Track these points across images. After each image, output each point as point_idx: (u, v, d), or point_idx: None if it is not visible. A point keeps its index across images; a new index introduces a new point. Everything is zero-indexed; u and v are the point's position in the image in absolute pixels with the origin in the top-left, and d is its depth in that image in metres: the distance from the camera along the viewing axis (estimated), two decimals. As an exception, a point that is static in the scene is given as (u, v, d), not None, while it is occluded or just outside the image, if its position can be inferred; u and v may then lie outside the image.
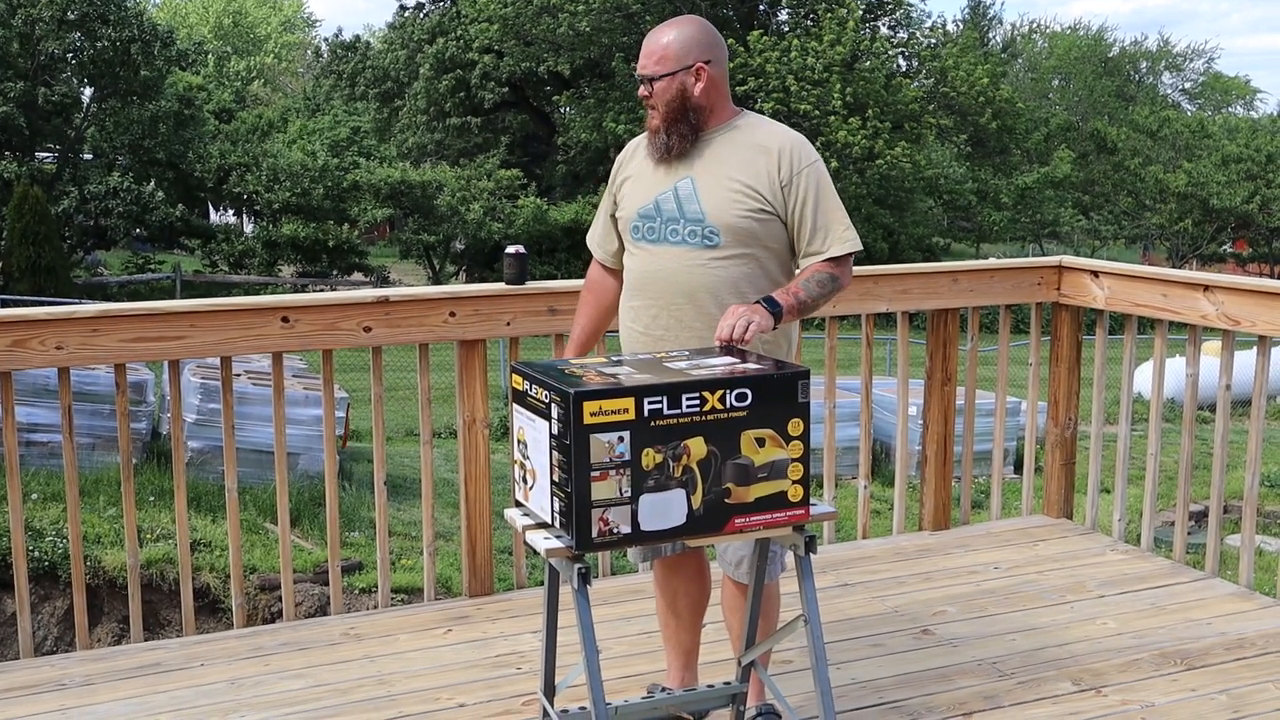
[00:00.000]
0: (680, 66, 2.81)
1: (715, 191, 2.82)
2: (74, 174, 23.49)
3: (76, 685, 3.39)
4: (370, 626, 3.80)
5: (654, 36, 2.89)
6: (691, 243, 2.82)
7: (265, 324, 3.59)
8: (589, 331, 3.12)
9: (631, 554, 3.17)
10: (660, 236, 2.85)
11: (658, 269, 2.85)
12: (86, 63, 23.05)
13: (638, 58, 2.97)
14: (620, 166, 3.03)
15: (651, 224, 2.87)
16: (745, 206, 2.81)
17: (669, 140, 2.84)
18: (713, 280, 2.81)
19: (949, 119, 27.36)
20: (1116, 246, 36.36)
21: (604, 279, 3.11)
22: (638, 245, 2.90)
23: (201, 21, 50.99)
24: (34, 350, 3.37)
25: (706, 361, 2.43)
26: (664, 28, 2.90)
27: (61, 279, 19.36)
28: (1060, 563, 4.34)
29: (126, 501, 3.66)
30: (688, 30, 2.84)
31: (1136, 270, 4.48)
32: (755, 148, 2.86)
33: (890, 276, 4.44)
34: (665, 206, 2.85)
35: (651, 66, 2.84)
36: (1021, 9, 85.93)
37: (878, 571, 4.27)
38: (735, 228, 2.80)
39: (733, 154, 2.84)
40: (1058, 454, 4.75)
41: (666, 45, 2.83)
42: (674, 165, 2.86)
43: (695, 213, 2.82)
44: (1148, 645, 3.65)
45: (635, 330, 2.92)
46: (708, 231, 2.81)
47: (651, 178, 2.90)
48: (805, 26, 26.30)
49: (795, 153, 2.85)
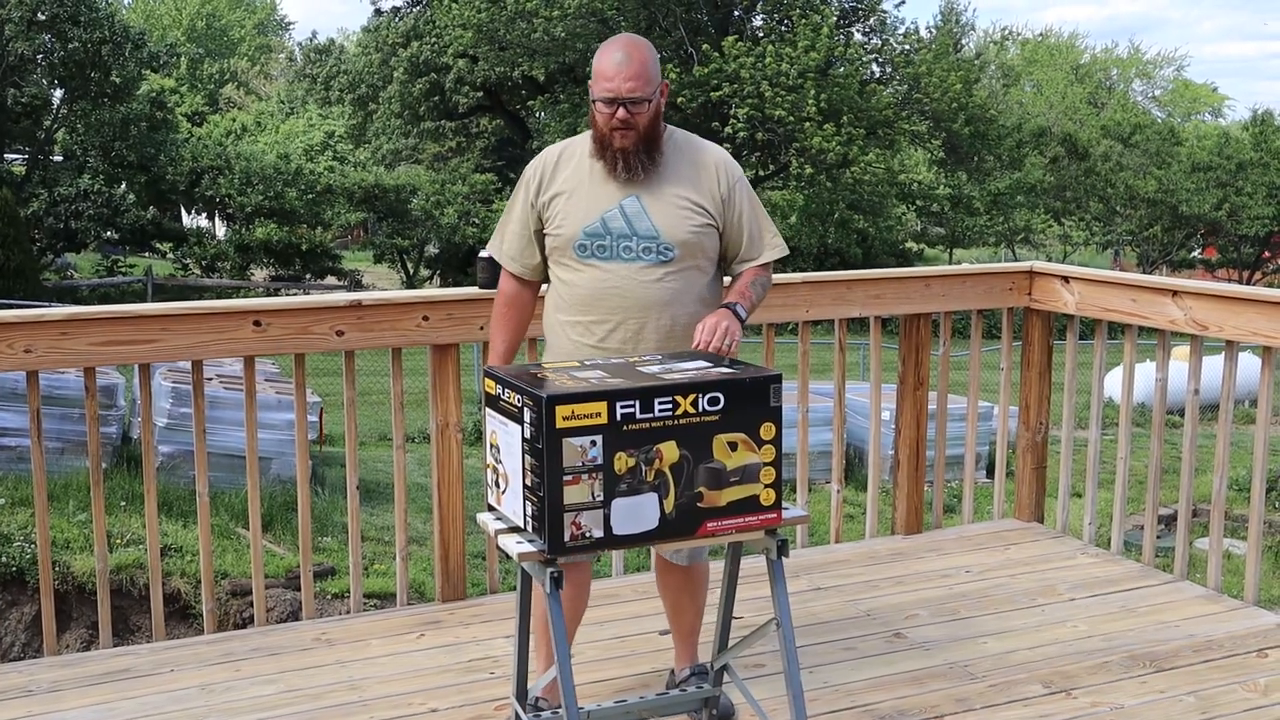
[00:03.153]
0: (655, 88, 2.85)
1: (665, 209, 2.89)
2: (44, 176, 23.31)
3: (44, 691, 3.36)
4: (342, 632, 3.78)
5: (630, 55, 2.84)
6: (646, 259, 2.87)
7: (237, 328, 3.57)
8: (512, 346, 3.11)
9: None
10: (613, 254, 2.88)
11: (612, 285, 2.88)
12: (57, 64, 22.89)
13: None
14: (542, 180, 2.98)
15: (601, 241, 2.88)
16: (694, 222, 2.90)
17: (644, 161, 2.86)
18: (668, 294, 2.89)
19: (923, 125, 27.48)
20: (1089, 252, 36.63)
21: (521, 293, 3.09)
22: (585, 262, 2.91)
23: (175, 24, 50.70)
24: (2, 353, 3.34)
25: (679, 365, 2.43)
26: (633, 46, 2.87)
27: (31, 282, 19.19)
28: (1031, 566, 4.36)
29: (96, 506, 3.63)
30: (649, 50, 2.89)
31: (1106, 276, 4.52)
32: (696, 164, 2.96)
33: (863, 281, 4.46)
34: (613, 224, 2.88)
35: (641, 88, 2.82)
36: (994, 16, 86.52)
37: (850, 575, 4.28)
38: (687, 243, 2.89)
39: (675, 171, 2.92)
40: (1029, 458, 4.78)
41: (644, 65, 2.83)
42: (618, 183, 2.88)
43: (648, 230, 2.87)
44: (1117, 648, 3.67)
45: (585, 345, 2.93)
46: (662, 248, 2.87)
47: (590, 195, 2.91)
48: (780, 33, 26.37)
49: (729, 166, 3.01)
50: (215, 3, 54.82)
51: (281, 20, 60.74)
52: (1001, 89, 41.37)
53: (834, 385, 4.55)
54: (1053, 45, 52.48)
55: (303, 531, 3.88)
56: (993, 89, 38.53)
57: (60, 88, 23.82)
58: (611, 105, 2.83)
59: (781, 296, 4.30)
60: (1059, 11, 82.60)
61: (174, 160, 25.56)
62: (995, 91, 38.46)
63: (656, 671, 3.47)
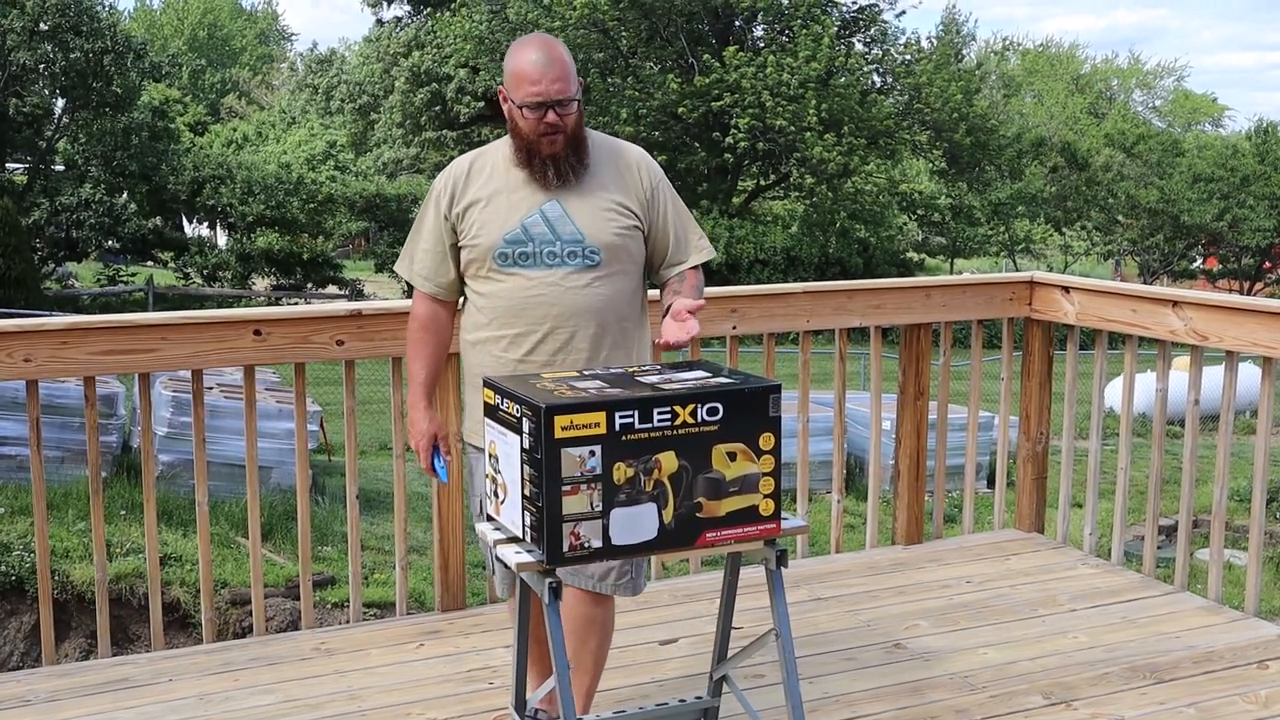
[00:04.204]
0: (578, 86, 2.75)
1: (589, 211, 2.77)
2: (45, 185, 23.36)
3: (42, 701, 3.35)
4: (342, 641, 3.78)
5: (551, 55, 2.70)
6: (572, 264, 2.75)
7: (237, 337, 3.57)
8: (434, 374, 2.95)
9: (497, 584, 3.06)
10: (536, 260, 2.75)
11: (538, 294, 2.75)
12: (58, 74, 22.93)
13: (609, 74, 2.92)
14: (455, 191, 2.83)
15: (523, 248, 2.75)
16: (620, 224, 2.80)
17: (574, 165, 2.75)
18: (597, 300, 2.77)
19: (924, 135, 27.51)
20: (1090, 261, 36.64)
21: (438, 314, 2.93)
22: (507, 271, 2.76)
23: (176, 33, 50.80)
24: (1, 363, 3.33)
25: (679, 375, 2.43)
26: (551, 44, 2.74)
27: (32, 291, 19.22)
28: (1032, 576, 4.36)
29: (95, 515, 3.62)
30: (564, 47, 2.77)
31: (1106, 286, 4.52)
32: (617, 164, 2.85)
33: (864, 291, 4.46)
34: (535, 230, 2.75)
35: (567, 89, 2.69)
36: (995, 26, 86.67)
37: (851, 585, 4.27)
38: (613, 246, 2.78)
39: (596, 172, 2.80)
40: (1029, 468, 4.77)
41: (566, 64, 2.71)
42: (536, 187, 2.76)
43: (572, 234, 2.75)
44: (1118, 659, 3.67)
45: (509, 359, 2.78)
46: (588, 252, 2.76)
47: (508, 201, 2.78)
48: (781, 43, 26.41)
49: (650, 165, 2.90)
50: (217, 13, 54.94)
51: (283, 30, 60.89)
52: (1002, 99, 41.42)
53: (834, 395, 4.55)
54: (1053, 56, 52.57)
55: (302, 541, 3.88)
56: (993, 99, 38.58)
57: (62, 97, 23.86)
58: (539, 109, 2.68)
59: (782, 306, 4.31)
60: (1059, 22, 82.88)
61: (175, 170, 25.60)
62: (996, 102, 38.49)
63: (656, 682, 3.46)
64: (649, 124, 25.93)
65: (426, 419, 2.93)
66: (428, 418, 2.94)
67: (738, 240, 25.44)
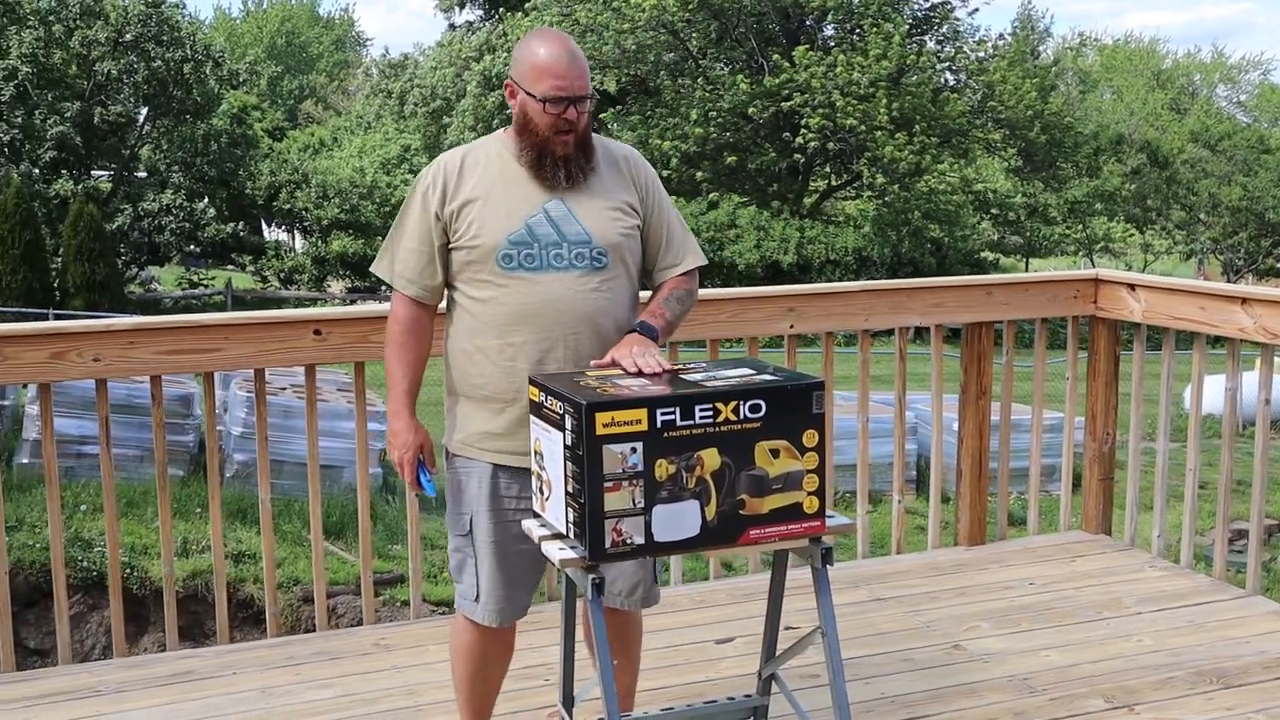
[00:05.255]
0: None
1: (593, 211, 2.67)
2: (128, 192, 23.93)
3: (111, 692, 3.44)
4: (401, 637, 3.83)
5: (572, 51, 2.62)
6: (580, 266, 2.63)
7: (298, 337, 3.63)
8: (416, 381, 2.79)
9: (479, 611, 2.80)
10: (543, 263, 2.62)
11: (548, 298, 2.62)
12: (141, 83, 23.49)
13: (679, 75, 2.80)
14: (446, 188, 2.68)
15: (529, 250, 2.62)
16: (623, 224, 2.70)
17: (583, 166, 2.66)
18: (606, 303, 2.66)
19: (997, 133, 27.14)
20: (1171, 260, 35.89)
21: (421, 319, 2.76)
22: (512, 275, 2.62)
23: (255, 41, 51.73)
24: (72, 362, 3.43)
25: (723, 372, 2.43)
26: (569, 41, 2.65)
27: (116, 295, 19.71)
28: (1097, 579, 4.29)
29: (162, 512, 3.71)
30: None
31: (1173, 283, 4.43)
32: (612, 161, 2.76)
33: (923, 290, 4.42)
34: (539, 230, 2.62)
35: (588, 86, 2.62)
36: (1073, 22, 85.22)
37: (911, 586, 4.24)
38: (618, 246, 2.68)
39: (596, 170, 2.71)
40: (1096, 469, 4.70)
41: (584, 61, 2.63)
42: (538, 185, 2.65)
43: (578, 234, 2.64)
44: (1184, 663, 3.59)
45: (518, 367, 2.63)
46: (595, 253, 2.65)
47: (508, 200, 2.65)
48: (851, 41, 26.23)
49: (641, 162, 2.82)
50: (295, 20, 55.89)
51: (359, 36, 61.77)
52: (1079, 96, 40.74)
53: (895, 395, 4.51)
54: (1132, 51, 51.55)
55: (363, 539, 3.94)
56: (1070, 96, 37.97)
57: (144, 105, 24.44)
58: (561, 104, 2.58)
59: (840, 305, 4.29)
60: (1139, 17, 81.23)
61: (252, 175, 26.09)
62: (1072, 99, 37.88)
63: (710, 681, 3.46)
64: (719, 125, 25.89)
65: (411, 429, 2.75)
66: (412, 428, 2.76)
67: (808, 241, 25.30)
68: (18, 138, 22.50)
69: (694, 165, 26.36)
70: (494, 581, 2.73)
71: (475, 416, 2.70)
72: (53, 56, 22.70)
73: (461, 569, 2.79)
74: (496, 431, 2.68)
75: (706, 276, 13.93)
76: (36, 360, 3.39)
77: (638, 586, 2.78)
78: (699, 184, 26.52)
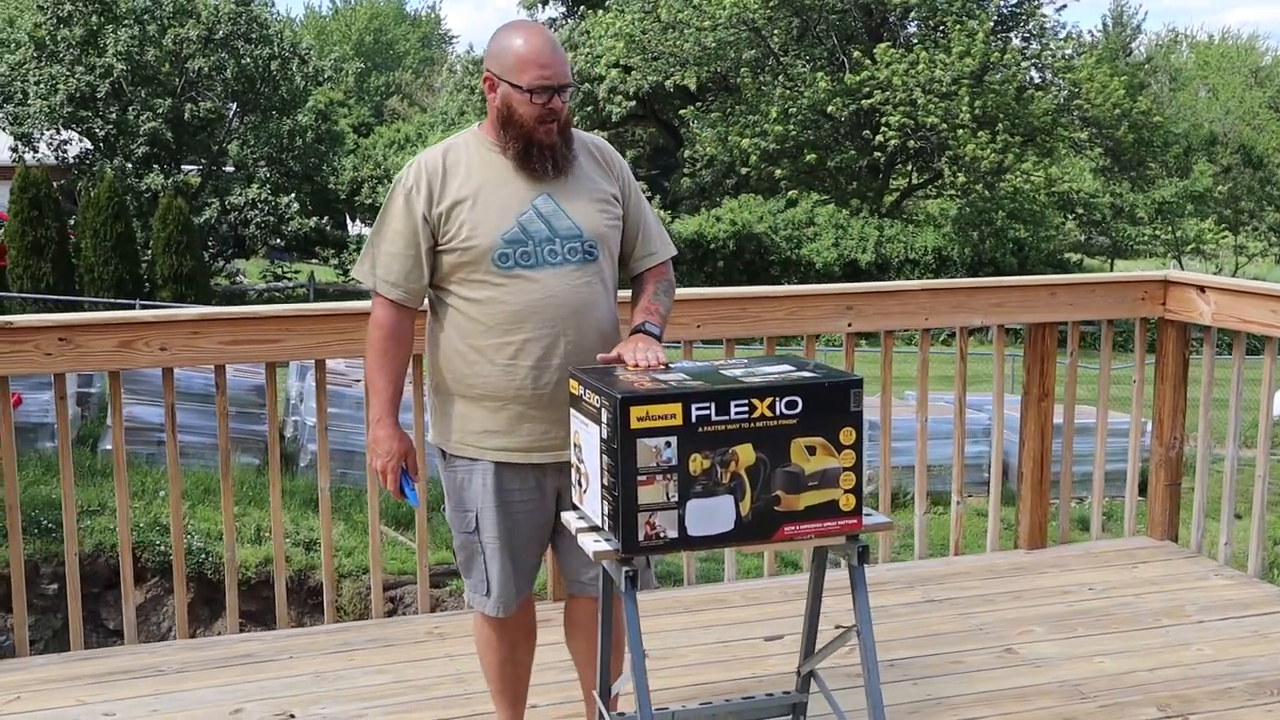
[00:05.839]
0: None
1: (581, 203, 2.66)
2: (216, 186, 24.45)
3: (172, 672, 3.54)
4: (455, 626, 3.88)
5: (552, 40, 2.62)
6: (573, 260, 2.62)
7: (356, 328, 3.69)
8: (399, 387, 2.74)
9: (490, 604, 2.82)
10: (539, 260, 2.60)
11: (546, 295, 2.60)
12: (230, 79, 24.00)
13: (760, 72, 2.76)
14: (433, 189, 2.64)
15: (524, 248, 2.60)
16: (609, 215, 2.70)
17: (566, 155, 2.65)
18: (599, 296, 2.67)
19: (1083, 132, 26.65)
20: (1266, 263, 34.94)
21: (404, 323, 2.71)
22: (509, 274, 2.59)
23: (344, 39, 52.54)
24: (140, 351, 3.53)
25: (761, 369, 2.44)
26: (546, 31, 2.65)
27: (202, 287, 20.15)
28: (1160, 586, 4.21)
29: (225, 499, 3.81)
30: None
31: (1244, 285, 4.33)
32: (589, 153, 2.74)
33: (985, 289, 4.37)
34: (531, 227, 2.61)
35: (568, 74, 2.60)
36: (1169, 18, 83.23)
37: (966, 588, 4.19)
38: (606, 238, 2.68)
39: (576, 163, 2.69)
40: (1162, 474, 4.61)
41: (564, 51, 2.61)
42: (524, 182, 2.63)
43: (569, 229, 2.63)
44: (1244, 674, 3.52)
45: (520, 365, 2.62)
46: (587, 246, 2.64)
47: (497, 197, 2.62)
48: (934, 39, 25.93)
49: (613, 151, 2.81)
50: (382, 18, 56.68)
51: (445, 34, 62.45)
52: (1170, 94, 39.83)
53: (955, 396, 4.47)
54: (1228, 48, 50.23)
55: (419, 529, 4.00)
56: (1160, 94, 37.13)
57: (233, 102, 24.96)
58: (546, 94, 2.56)
59: (898, 303, 4.26)
60: (1240, 13, 78.99)
61: (335, 170, 26.48)
62: (1163, 97, 37.04)
63: (756, 678, 3.47)
64: (799, 123, 25.77)
65: (395, 438, 2.71)
66: (395, 436, 2.72)
67: (887, 240, 25.07)
68: (112, 133, 23.12)
69: (773, 163, 26.27)
70: (504, 575, 2.77)
71: (473, 416, 2.69)
72: (146, 54, 23.28)
73: (470, 566, 2.81)
74: (496, 429, 2.68)
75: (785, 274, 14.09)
76: (105, 349, 3.49)
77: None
78: (778, 181, 26.41)
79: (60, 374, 3.56)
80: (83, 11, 22.86)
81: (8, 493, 3.58)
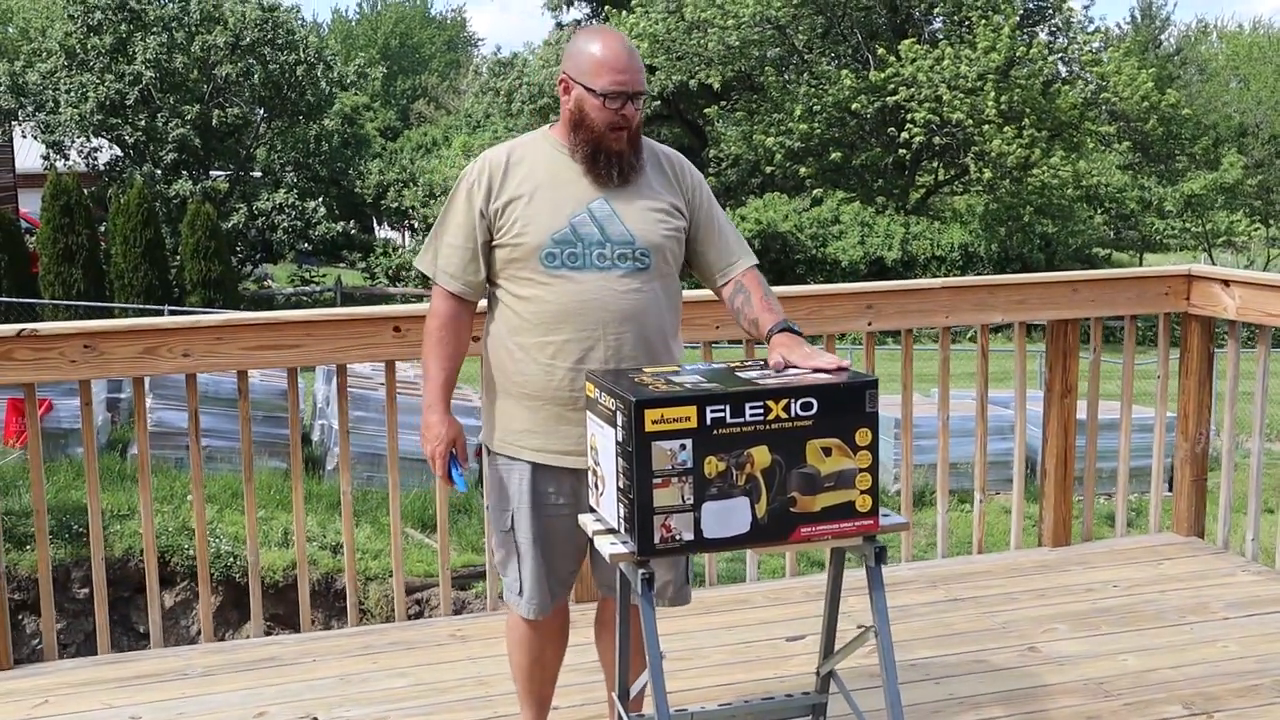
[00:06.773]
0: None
1: (638, 211, 2.66)
2: (244, 191, 24.61)
3: (197, 675, 3.58)
4: (477, 629, 3.90)
5: (629, 46, 2.62)
6: (623, 267, 2.63)
7: (378, 334, 3.72)
8: (452, 375, 2.79)
9: (524, 605, 2.83)
10: (586, 262, 2.62)
11: (589, 297, 2.61)
12: (257, 85, 24.16)
13: (784, 70, 2.74)
14: (492, 185, 2.68)
15: (572, 249, 2.62)
16: (668, 225, 2.69)
17: (634, 164, 2.66)
18: (648, 304, 2.66)
19: (1111, 126, 26.45)
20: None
21: (461, 314, 2.77)
22: (555, 274, 2.62)
23: (370, 43, 52.78)
24: (163, 357, 3.56)
25: (777, 371, 2.44)
26: (624, 38, 2.66)
27: (230, 292, 20.28)
28: (1185, 582, 4.18)
29: (248, 502, 3.84)
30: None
31: (1269, 279, 4.30)
32: (657, 162, 2.75)
33: (1006, 286, 4.36)
34: (583, 230, 2.62)
35: (643, 82, 2.61)
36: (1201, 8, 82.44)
37: (989, 587, 4.18)
38: (661, 248, 2.68)
39: (641, 170, 2.69)
40: (1188, 470, 4.58)
41: (641, 60, 2.61)
42: (584, 184, 2.65)
43: (622, 235, 2.63)
44: (1271, 670, 3.49)
45: (560, 366, 2.64)
46: (639, 254, 2.64)
47: (553, 198, 2.64)
48: (959, 34, 25.80)
49: (686, 163, 2.81)
50: (408, 22, 56.90)
51: (470, 36, 62.63)
52: (1199, 85, 39.46)
53: (976, 393, 4.45)
54: (1259, 38, 49.70)
55: (440, 530, 4.02)
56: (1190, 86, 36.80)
57: (260, 107, 25.13)
58: (620, 99, 2.58)
59: (918, 302, 4.25)
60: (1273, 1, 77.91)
61: (362, 174, 26.60)
62: (1193, 89, 36.70)
63: (779, 678, 3.47)
64: (824, 121, 25.69)
65: (445, 423, 2.74)
66: (446, 422, 2.74)
67: (913, 237, 24.96)
68: (141, 140, 23.31)
69: (798, 161, 26.20)
70: (537, 576, 2.78)
71: (515, 414, 2.73)
72: (175, 61, 23.46)
73: (506, 564, 2.83)
74: (534, 429, 2.70)
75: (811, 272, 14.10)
76: (129, 355, 3.53)
77: (667, 586, 2.78)
78: (803, 180, 26.35)
79: (86, 380, 3.60)
80: (112, 20, 23.06)
81: (35, 497, 3.62)
